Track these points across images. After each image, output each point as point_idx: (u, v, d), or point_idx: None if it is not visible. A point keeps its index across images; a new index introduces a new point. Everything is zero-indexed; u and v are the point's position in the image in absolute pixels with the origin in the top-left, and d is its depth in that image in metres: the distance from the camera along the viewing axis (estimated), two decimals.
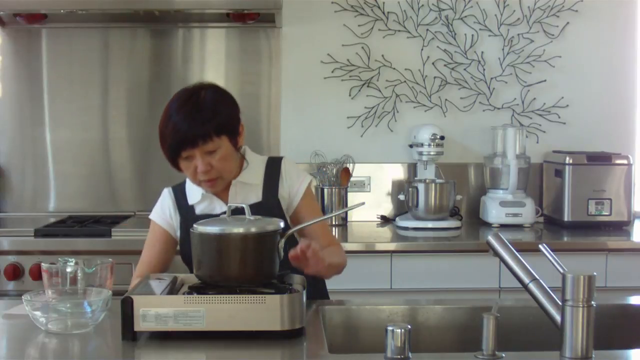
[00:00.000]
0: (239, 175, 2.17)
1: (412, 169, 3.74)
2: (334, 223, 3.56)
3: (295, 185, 2.21)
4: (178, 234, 2.21)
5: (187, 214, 2.16)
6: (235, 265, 1.80)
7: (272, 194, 2.18)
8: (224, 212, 1.98)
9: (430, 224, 3.49)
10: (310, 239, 2.17)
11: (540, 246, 1.67)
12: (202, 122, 2.03)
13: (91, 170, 3.73)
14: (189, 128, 2.02)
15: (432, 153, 3.57)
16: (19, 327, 1.86)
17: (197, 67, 3.74)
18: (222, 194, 2.16)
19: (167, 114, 2.06)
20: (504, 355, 1.57)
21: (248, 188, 2.17)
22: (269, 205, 2.13)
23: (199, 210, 2.17)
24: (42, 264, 1.97)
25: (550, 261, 1.63)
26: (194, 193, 2.18)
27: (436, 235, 3.37)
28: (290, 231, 1.91)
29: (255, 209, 1.95)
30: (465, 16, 3.76)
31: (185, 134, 2.02)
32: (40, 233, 3.12)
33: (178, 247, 2.24)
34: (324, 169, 3.65)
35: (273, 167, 2.22)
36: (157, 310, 1.68)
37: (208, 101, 2.07)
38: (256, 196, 2.16)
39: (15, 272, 3.00)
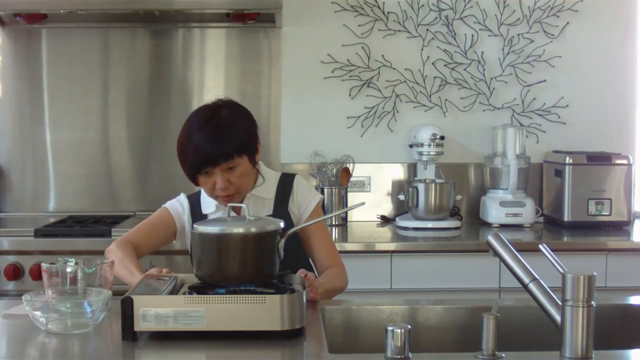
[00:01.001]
0: (253, 189, 2.23)
1: (412, 169, 3.73)
2: (334, 223, 3.56)
3: (305, 202, 2.27)
4: (187, 228, 2.25)
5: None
6: (235, 265, 1.80)
7: (282, 207, 2.24)
8: None
9: (430, 224, 3.49)
10: (315, 258, 2.22)
11: (540, 246, 1.67)
12: (224, 142, 2.07)
13: (91, 170, 3.73)
14: (211, 148, 2.06)
15: (432, 153, 3.57)
16: (19, 327, 1.85)
17: (197, 67, 3.74)
18: None
19: (188, 132, 2.10)
20: (504, 355, 1.57)
21: (260, 202, 2.23)
22: (278, 218, 2.15)
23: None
24: (42, 264, 1.96)
25: (550, 261, 1.63)
26: (209, 203, 2.25)
27: (436, 235, 3.37)
28: (291, 231, 1.91)
29: None
30: (465, 16, 3.75)
31: (208, 154, 2.07)
32: (40, 233, 3.12)
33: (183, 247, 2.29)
34: (324, 169, 3.65)
35: (285, 183, 2.28)
36: (157, 310, 1.68)
37: (229, 120, 2.10)
38: (267, 210, 2.23)
39: (15, 272, 3.01)
